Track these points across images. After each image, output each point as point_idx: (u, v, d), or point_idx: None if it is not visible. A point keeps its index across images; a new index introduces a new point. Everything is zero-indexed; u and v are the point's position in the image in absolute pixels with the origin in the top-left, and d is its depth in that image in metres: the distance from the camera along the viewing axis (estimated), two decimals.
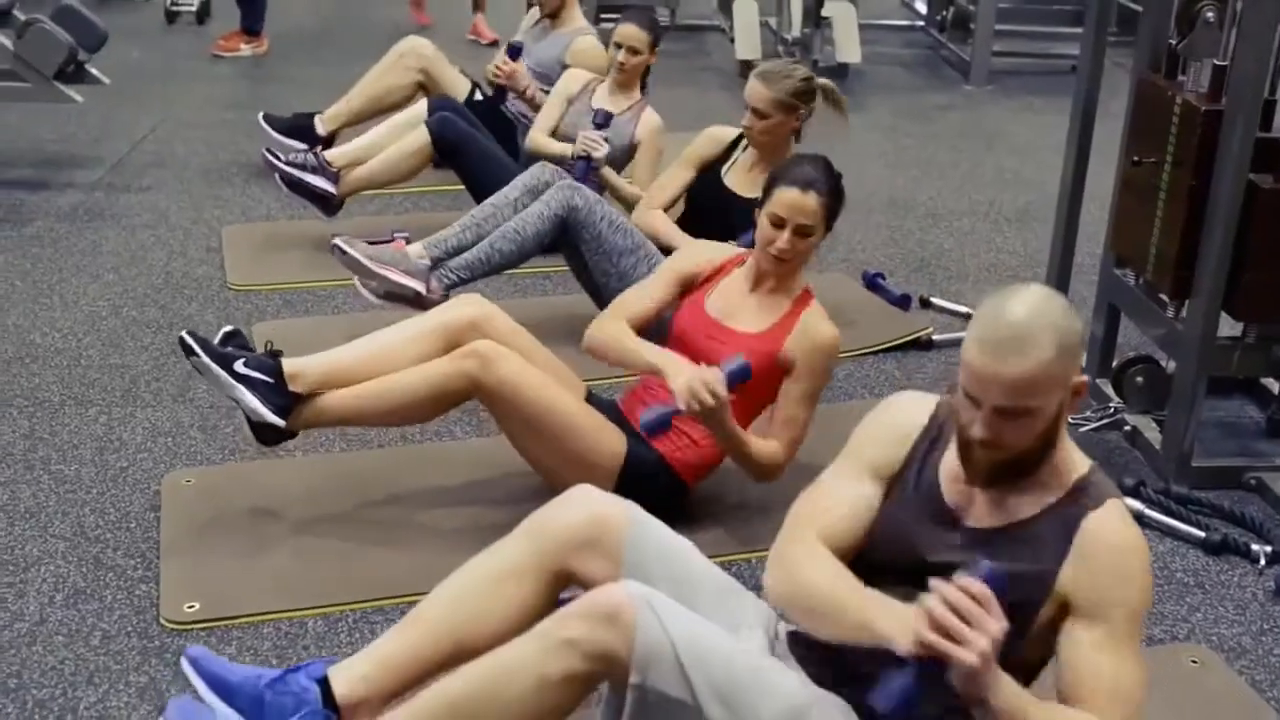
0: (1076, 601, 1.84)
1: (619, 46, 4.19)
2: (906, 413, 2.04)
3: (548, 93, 4.52)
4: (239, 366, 2.76)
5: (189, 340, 2.75)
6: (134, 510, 2.98)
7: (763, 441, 2.83)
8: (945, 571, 1.76)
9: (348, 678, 2.06)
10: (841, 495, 2.00)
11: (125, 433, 3.31)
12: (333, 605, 2.66)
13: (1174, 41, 3.29)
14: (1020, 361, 1.76)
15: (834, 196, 2.85)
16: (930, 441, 1.99)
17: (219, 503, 2.98)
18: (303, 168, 4.37)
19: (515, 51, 4.63)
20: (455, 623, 2.09)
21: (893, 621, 1.77)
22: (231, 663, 2.15)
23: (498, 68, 4.60)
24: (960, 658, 1.68)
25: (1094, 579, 1.84)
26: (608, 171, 4.12)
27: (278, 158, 4.39)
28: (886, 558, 1.96)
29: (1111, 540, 1.86)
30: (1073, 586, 1.85)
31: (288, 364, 2.80)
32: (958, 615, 1.69)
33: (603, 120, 4.11)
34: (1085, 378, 1.87)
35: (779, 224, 2.80)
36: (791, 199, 2.79)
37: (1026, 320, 1.77)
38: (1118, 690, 1.82)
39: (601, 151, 4.05)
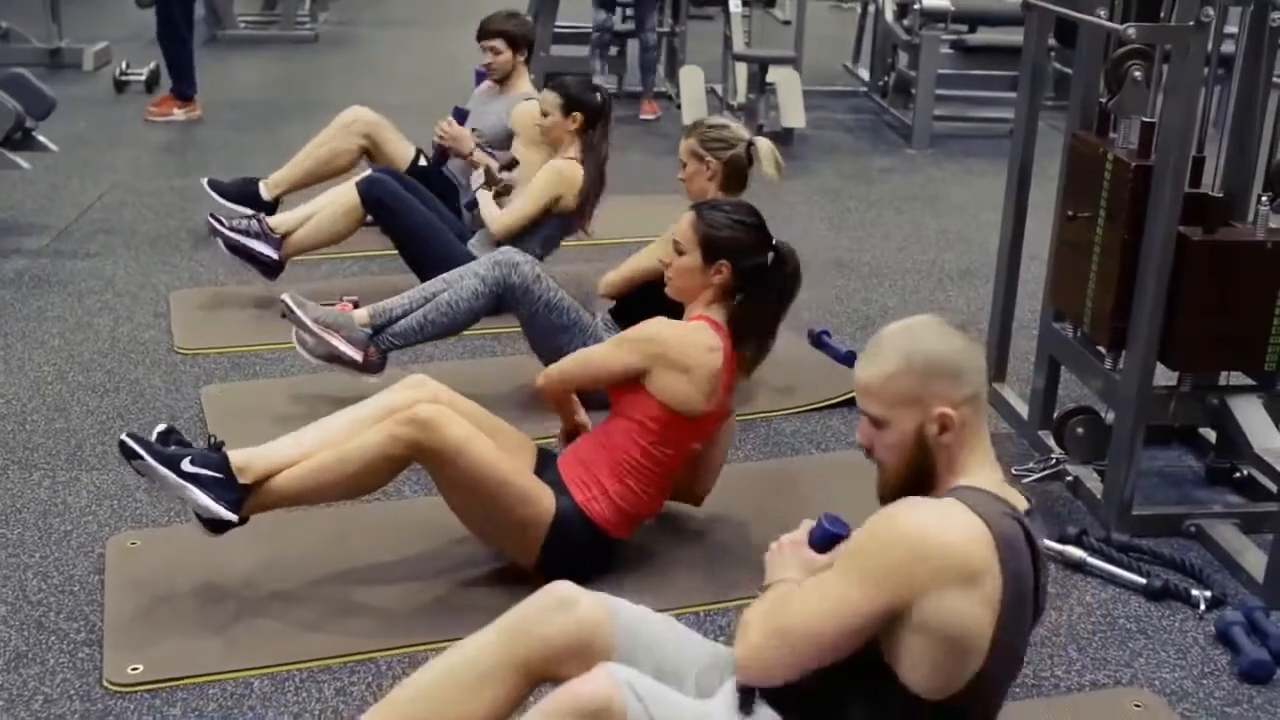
0: None
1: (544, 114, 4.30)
2: None
3: (491, 153, 4.58)
4: (186, 465, 2.71)
5: (131, 444, 2.69)
6: (78, 573, 2.95)
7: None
8: None
9: None
10: None
11: (70, 496, 3.28)
12: (279, 665, 2.64)
13: (1104, 100, 3.38)
14: (867, 366, 1.94)
15: (715, 225, 2.91)
16: None
17: (164, 564, 2.96)
18: (246, 233, 4.41)
19: (461, 115, 4.70)
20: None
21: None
22: None
23: (442, 130, 4.65)
24: (769, 551, 2.09)
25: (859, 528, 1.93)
26: (485, 198, 4.39)
27: (221, 223, 4.42)
28: None
29: (894, 504, 1.90)
30: None
31: (234, 456, 2.75)
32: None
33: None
34: (952, 411, 1.89)
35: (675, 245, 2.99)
36: (680, 217, 2.98)
37: (888, 334, 1.96)
38: (785, 595, 1.93)
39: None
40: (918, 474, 1.93)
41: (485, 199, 4.38)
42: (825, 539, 2.10)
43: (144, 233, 5.33)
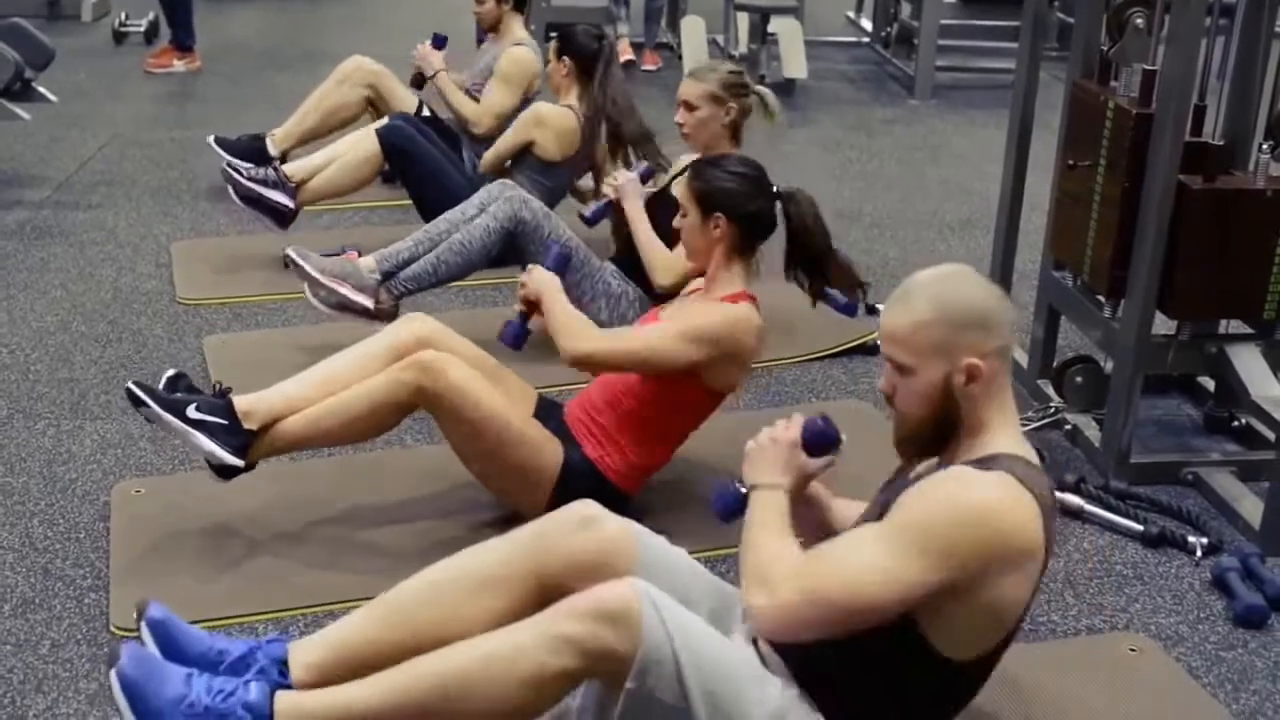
0: (892, 507, 1.88)
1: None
2: None
3: (472, 94, 4.73)
4: (191, 412, 2.74)
5: (137, 391, 2.72)
6: (83, 521, 2.97)
7: (586, 320, 2.91)
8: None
9: (305, 663, 2.04)
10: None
11: (74, 445, 3.30)
12: (284, 610, 2.67)
13: (1106, 47, 3.37)
14: (896, 313, 1.92)
15: (707, 180, 2.87)
16: None
17: (169, 511, 2.98)
18: (264, 183, 4.38)
19: (439, 41, 4.78)
20: (427, 619, 2.04)
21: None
22: (193, 629, 2.09)
23: (416, 51, 4.77)
24: (748, 447, 2.07)
25: (914, 488, 1.87)
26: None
27: (240, 172, 4.38)
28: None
29: (958, 472, 1.87)
30: (897, 501, 1.88)
31: (239, 402, 2.78)
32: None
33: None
34: (980, 362, 1.88)
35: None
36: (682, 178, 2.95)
37: (918, 281, 1.93)
38: (825, 553, 1.88)
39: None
40: (940, 424, 1.92)
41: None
42: (822, 441, 2.05)
43: (145, 183, 5.33)
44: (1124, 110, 3.17)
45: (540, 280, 2.94)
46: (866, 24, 8.53)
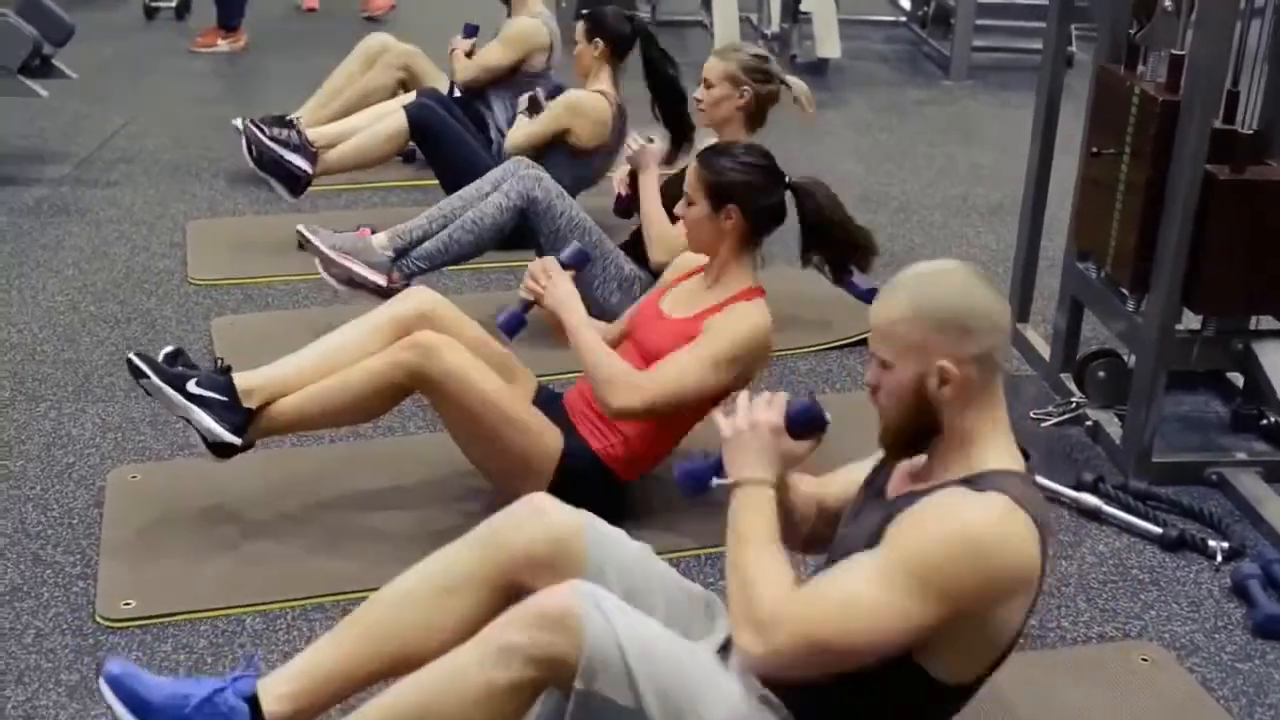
0: (885, 534, 1.76)
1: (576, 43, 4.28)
2: None
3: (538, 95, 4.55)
4: (191, 387, 2.71)
5: (138, 362, 2.69)
6: (77, 506, 2.94)
7: (621, 363, 2.76)
8: (852, 534, 1.88)
9: (276, 695, 1.99)
10: (836, 476, 2.12)
11: (74, 428, 3.27)
12: (272, 603, 2.63)
13: (1133, 31, 3.25)
14: (880, 305, 1.84)
15: (719, 171, 2.78)
16: None
17: (164, 498, 2.94)
18: (285, 144, 4.32)
19: (471, 31, 4.74)
20: (393, 633, 2.02)
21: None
22: (156, 678, 2.03)
23: (453, 46, 4.75)
24: (719, 423, 1.95)
25: (907, 515, 1.75)
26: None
27: (262, 130, 4.31)
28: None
29: (951, 496, 1.75)
30: (890, 527, 1.76)
31: (239, 379, 2.75)
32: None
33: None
34: (954, 368, 1.77)
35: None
36: (689, 166, 2.86)
37: (905, 276, 1.85)
38: (819, 590, 1.76)
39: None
40: (916, 426, 1.83)
41: (522, 123, 4.31)
42: (809, 423, 1.91)
43: (165, 162, 5.29)
44: (1150, 97, 3.06)
45: (560, 299, 2.80)
46: (904, 2, 8.37)
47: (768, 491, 1.89)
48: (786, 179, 2.85)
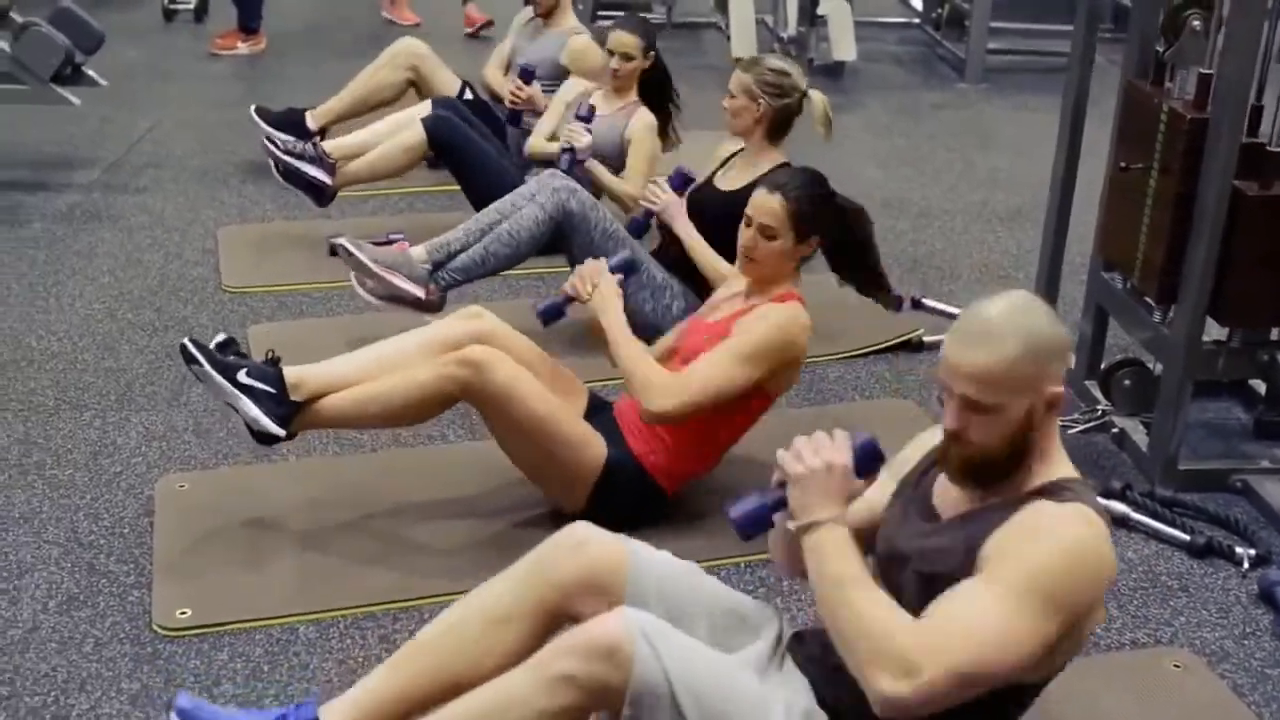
0: (984, 556, 1.81)
1: (611, 54, 4.20)
2: (926, 434, 2.14)
3: (546, 87, 4.57)
4: (242, 376, 2.77)
5: (191, 348, 2.75)
6: (127, 515, 3.00)
7: (656, 367, 2.85)
8: (913, 557, 1.90)
9: None
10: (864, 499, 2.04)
11: (119, 437, 3.33)
12: (325, 611, 2.69)
13: (1161, 49, 3.31)
14: (984, 354, 1.81)
15: (803, 203, 2.85)
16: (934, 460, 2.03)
17: (212, 507, 3.00)
18: (300, 157, 4.39)
19: (529, 74, 4.60)
20: (446, 664, 2.08)
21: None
22: (222, 710, 2.14)
23: (514, 94, 4.58)
24: (785, 462, 1.88)
25: (1005, 535, 1.81)
26: (594, 165, 4.11)
27: (277, 145, 4.40)
28: (876, 550, 2.06)
29: (1045, 511, 1.82)
30: (988, 548, 1.82)
31: (289, 373, 2.81)
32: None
33: (585, 113, 4.12)
34: (1062, 390, 1.87)
35: (748, 223, 2.88)
36: (759, 199, 2.87)
37: (999, 317, 1.84)
38: (951, 621, 1.76)
39: (584, 141, 4.05)
40: (1013, 456, 1.87)
41: (601, 171, 4.14)
42: (874, 462, 1.93)
43: (193, 167, 5.35)
44: (1178, 114, 3.11)
45: (603, 302, 2.91)
46: (918, 4, 8.41)
47: (844, 531, 1.88)
48: (838, 200, 2.96)
